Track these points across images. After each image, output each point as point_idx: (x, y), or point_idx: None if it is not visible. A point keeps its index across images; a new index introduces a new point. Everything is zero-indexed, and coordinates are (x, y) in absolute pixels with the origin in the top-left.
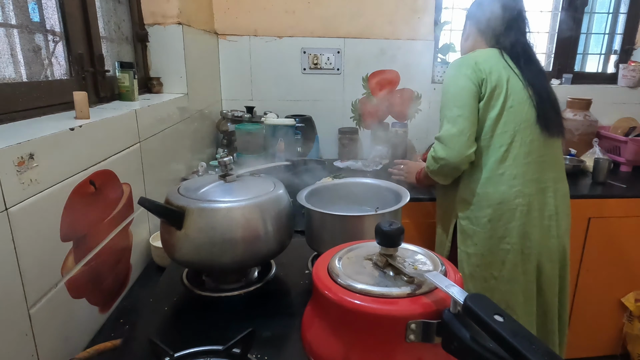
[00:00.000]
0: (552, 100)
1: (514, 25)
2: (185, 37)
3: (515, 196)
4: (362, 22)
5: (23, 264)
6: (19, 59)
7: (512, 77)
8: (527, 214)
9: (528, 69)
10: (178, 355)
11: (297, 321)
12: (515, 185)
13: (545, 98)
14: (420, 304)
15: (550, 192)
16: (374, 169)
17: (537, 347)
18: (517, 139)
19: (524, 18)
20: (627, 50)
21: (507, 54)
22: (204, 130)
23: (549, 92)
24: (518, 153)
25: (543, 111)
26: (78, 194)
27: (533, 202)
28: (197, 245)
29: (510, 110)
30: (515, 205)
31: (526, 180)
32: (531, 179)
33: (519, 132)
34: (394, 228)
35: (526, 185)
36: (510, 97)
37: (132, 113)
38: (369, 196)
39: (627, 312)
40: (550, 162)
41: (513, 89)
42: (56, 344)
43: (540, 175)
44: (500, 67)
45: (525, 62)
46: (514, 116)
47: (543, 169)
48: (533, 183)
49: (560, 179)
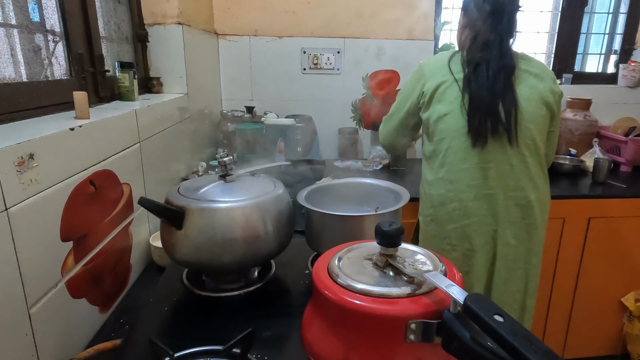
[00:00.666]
0: (491, 108)
1: (490, 23)
2: (185, 37)
3: (452, 200)
4: (362, 22)
5: (23, 264)
6: (19, 59)
7: (451, 85)
8: (464, 217)
9: (476, 75)
10: (178, 355)
11: (297, 321)
12: (451, 190)
13: (484, 106)
14: (420, 304)
15: (499, 199)
16: (373, 169)
17: (537, 347)
18: (452, 146)
19: (501, 15)
20: (627, 50)
21: (464, 56)
22: (204, 130)
23: (490, 101)
24: (453, 159)
25: (475, 120)
26: (78, 194)
27: (472, 207)
28: (197, 245)
29: (444, 118)
30: (452, 209)
31: (464, 186)
32: (469, 185)
33: (453, 139)
34: (394, 228)
35: (463, 191)
36: (445, 105)
37: (132, 113)
38: (369, 196)
39: (627, 312)
40: (499, 170)
41: (447, 98)
42: (56, 344)
43: (483, 182)
44: (440, 75)
45: (475, 68)
46: (447, 124)
47: (487, 176)
48: (472, 189)
49: (516, 187)
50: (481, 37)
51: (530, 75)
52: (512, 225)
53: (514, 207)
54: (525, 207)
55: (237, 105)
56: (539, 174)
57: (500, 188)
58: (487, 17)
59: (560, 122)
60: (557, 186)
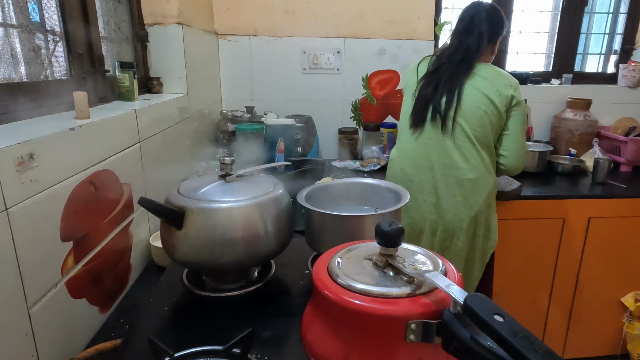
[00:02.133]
0: (429, 103)
1: (458, 30)
2: (185, 37)
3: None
4: (362, 22)
5: (23, 264)
6: (19, 59)
7: (411, 83)
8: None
9: (430, 76)
10: (178, 355)
11: (297, 321)
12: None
13: (422, 100)
14: (420, 304)
15: (437, 174)
16: (371, 169)
17: (537, 347)
18: (403, 129)
19: (470, 34)
20: (627, 50)
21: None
22: (204, 130)
23: (428, 97)
24: (406, 139)
25: (416, 110)
26: (78, 194)
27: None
28: (197, 245)
29: (404, 107)
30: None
31: (410, 162)
32: (413, 162)
33: (405, 123)
34: (394, 228)
35: (409, 166)
36: (405, 95)
37: (132, 113)
38: (369, 196)
39: (627, 312)
40: (436, 149)
41: (407, 91)
42: (56, 344)
43: (423, 159)
44: (410, 74)
45: (436, 69)
46: (405, 111)
47: (427, 152)
48: (415, 165)
49: (451, 166)
50: (450, 49)
51: (481, 79)
52: (455, 199)
53: (451, 181)
54: (460, 184)
55: (237, 105)
56: (477, 159)
57: (437, 164)
58: (459, 34)
59: (561, 122)
60: (557, 186)
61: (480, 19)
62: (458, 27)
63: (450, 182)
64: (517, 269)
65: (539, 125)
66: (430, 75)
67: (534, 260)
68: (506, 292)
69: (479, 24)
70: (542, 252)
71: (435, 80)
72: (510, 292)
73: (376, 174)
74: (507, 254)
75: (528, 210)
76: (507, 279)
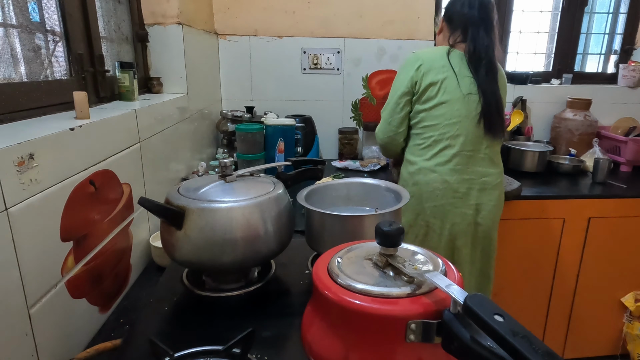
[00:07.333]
0: (493, 102)
1: (472, 26)
2: (185, 37)
3: (435, 181)
4: (362, 22)
5: (23, 264)
6: (19, 59)
7: (449, 77)
8: (442, 197)
9: (477, 71)
10: (178, 355)
11: (297, 321)
12: (436, 171)
13: (489, 100)
14: (420, 304)
15: (476, 184)
16: (371, 169)
17: (537, 347)
18: (445, 132)
19: (480, 20)
20: (627, 50)
21: (454, 54)
22: (204, 130)
23: (489, 94)
24: (447, 145)
25: (485, 111)
26: (78, 194)
27: (450, 188)
28: (197, 245)
29: (441, 106)
30: (433, 188)
31: (449, 169)
32: (453, 169)
33: (447, 126)
34: (394, 228)
35: (448, 173)
36: (443, 95)
37: (132, 113)
38: (369, 196)
39: (627, 312)
40: (479, 159)
41: (446, 89)
42: (56, 344)
43: (465, 167)
44: (439, 66)
45: (475, 65)
46: (443, 111)
47: (469, 162)
48: (455, 173)
49: (489, 173)
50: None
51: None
52: (491, 208)
53: (488, 190)
54: (494, 190)
55: (237, 105)
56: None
57: (477, 174)
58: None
59: (561, 122)
60: (557, 186)
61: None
62: (465, 13)
63: (489, 189)
64: (517, 269)
65: (539, 125)
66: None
67: (534, 260)
68: (506, 292)
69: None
70: (542, 252)
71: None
72: (510, 292)
73: (376, 174)
74: (507, 254)
75: (528, 210)
76: (507, 279)
